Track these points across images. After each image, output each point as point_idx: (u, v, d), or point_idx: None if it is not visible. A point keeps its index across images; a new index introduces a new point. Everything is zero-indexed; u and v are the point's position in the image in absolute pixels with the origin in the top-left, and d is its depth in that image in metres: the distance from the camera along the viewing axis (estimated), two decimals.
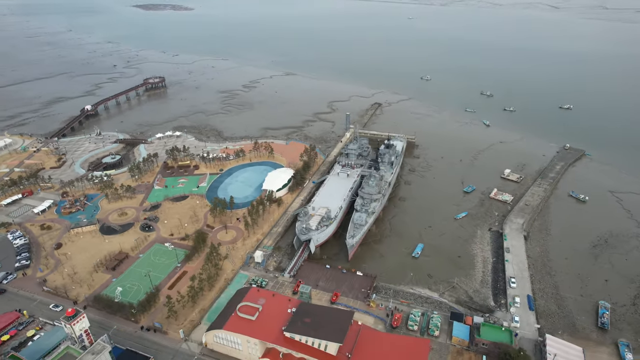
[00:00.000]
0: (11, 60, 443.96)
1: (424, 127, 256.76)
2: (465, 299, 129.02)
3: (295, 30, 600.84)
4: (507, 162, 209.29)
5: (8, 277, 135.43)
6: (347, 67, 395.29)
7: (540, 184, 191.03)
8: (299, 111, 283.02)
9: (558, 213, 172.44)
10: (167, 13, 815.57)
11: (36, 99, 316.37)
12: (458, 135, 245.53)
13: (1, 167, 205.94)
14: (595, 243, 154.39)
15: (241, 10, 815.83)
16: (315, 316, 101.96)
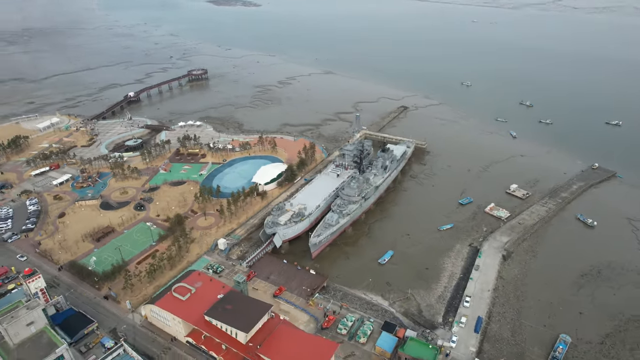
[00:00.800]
0: (85, 49, 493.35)
1: (444, 133, 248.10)
2: (414, 312, 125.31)
3: (351, 29, 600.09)
4: (520, 177, 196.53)
5: (12, 237, 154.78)
6: (389, 68, 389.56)
7: (546, 203, 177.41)
8: (322, 109, 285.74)
9: (555, 236, 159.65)
10: (236, 9, 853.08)
11: (93, 85, 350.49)
12: (477, 144, 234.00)
13: (43, 142, 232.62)
14: (585, 272, 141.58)
15: (305, 9, 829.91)
16: (236, 305, 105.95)
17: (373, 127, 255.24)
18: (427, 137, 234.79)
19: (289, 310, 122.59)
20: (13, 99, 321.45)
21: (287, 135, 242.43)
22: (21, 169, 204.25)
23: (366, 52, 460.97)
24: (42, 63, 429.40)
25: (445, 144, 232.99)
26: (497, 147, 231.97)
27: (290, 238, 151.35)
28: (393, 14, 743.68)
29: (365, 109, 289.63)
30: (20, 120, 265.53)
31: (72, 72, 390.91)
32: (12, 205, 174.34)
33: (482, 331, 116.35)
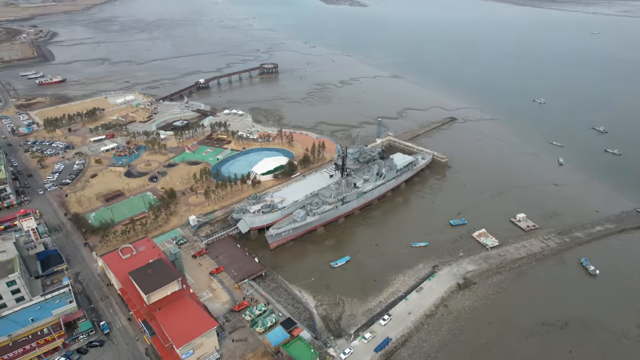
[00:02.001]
0: (191, 38, 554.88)
1: (479, 150, 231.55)
2: (332, 318, 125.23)
3: (449, 35, 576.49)
4: (536, 207, 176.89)
5: (51, 187, 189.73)
6: (463, 78, 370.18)
7: (549, 239, 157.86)
8: (366, 112, 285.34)
9: (541, 277, 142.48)
10: (342, 8, 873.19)
11: (181, 70, 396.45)
12: (509, 166, 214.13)
13: (113, 115, 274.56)
14: (548, 321, 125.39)
15: (411, 11, 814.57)
16: (154, 271, 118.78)
17: (406, 135, 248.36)
18: (458, 152, 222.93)
19: (215, 289, 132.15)
20: (116, 77, 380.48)
21: (311, 132, 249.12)
22: (87, 135, 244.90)
23: (451, 59, 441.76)
24: (152, 48, 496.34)
25: (473, 162, 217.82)
26: (530, 172, 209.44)
27: (258, 227, 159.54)
28: (507, 23, 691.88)
29: (411, 115, 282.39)
30: (108, 95, 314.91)
31: (169, 58, 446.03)
32: (65, 163, 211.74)
33: (384, 352, 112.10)
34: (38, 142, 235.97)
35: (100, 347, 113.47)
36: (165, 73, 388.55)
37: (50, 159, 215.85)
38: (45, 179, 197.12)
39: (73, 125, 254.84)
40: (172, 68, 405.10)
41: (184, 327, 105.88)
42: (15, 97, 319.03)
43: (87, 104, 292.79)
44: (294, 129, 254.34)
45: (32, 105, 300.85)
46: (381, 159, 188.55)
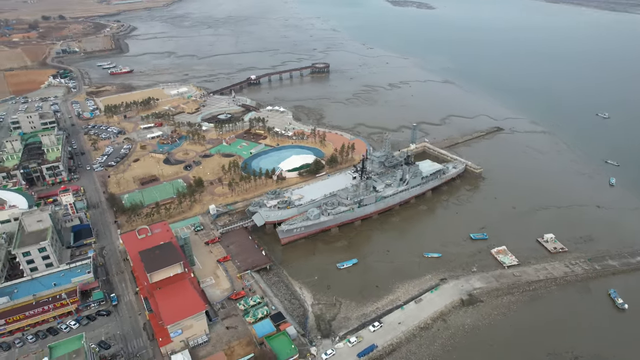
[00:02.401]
0: (253, 35, 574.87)
1: (520, 164, 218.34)
2: (326, 318, 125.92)
3: (519, 41, 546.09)
4: (570, 229, 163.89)
5: (97, 168, 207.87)
6: (521, 87, 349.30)
7: (576, 264, 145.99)
8: (408, 117, 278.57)
9: (558, 304, 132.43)
10: (409, 10, 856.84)
11: (237, 66, 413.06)
12: (550, 183, 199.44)
13: (166, 105, 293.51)
14: (556, 352, 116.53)
15: (480, 16, 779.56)
16: (161, 252, 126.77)
17: (444, 142, 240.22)
18: (496, 164, 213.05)
19: (219, 276, 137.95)
20: (177, 69, 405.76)
21: (346, 133, 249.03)
22: (138, 122, 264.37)
23: (513, 67, 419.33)
24: (215, 44, 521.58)
25: (512, 175, 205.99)
26: (574, 190, 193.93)
27: (273, 221, 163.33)
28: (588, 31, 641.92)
29: (455, 123, 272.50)
30: (165, 86, 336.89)
31: (229, 54, 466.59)
32: (114, 147, 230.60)
33: (367, 359, 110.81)
34: (97, 126, 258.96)
35: (107, 316, 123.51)
36: (223, 68, 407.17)
37: (103, 142, 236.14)
38: (95, 160, 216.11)
39: (128, 113, 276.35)
40: (229, 63, 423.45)
41: (176, 308, 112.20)
42: (88, 85, 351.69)
43: (146, 93, 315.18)
44: (331, 128, 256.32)
45: (100, 93, 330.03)
46: (406, 164, 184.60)
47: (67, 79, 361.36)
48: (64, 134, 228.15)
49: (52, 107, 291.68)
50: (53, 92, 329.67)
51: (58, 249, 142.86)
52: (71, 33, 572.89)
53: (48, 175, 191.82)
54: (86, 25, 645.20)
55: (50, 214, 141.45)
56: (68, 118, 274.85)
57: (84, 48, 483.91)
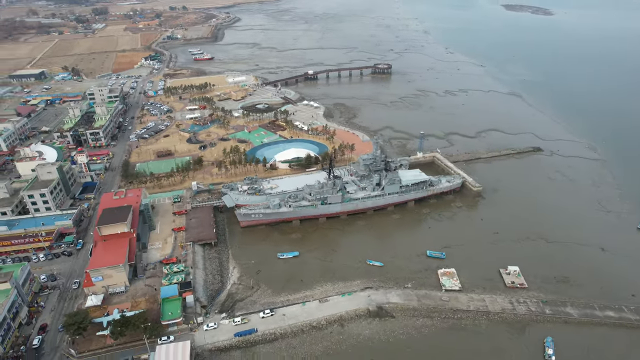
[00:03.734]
0: (346, 32, 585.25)
1: (538, 190, 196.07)
2: (236, 297, 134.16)
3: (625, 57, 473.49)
4: (549, 268, 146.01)
5: (133, 138, 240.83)
6: (600, 108, 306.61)
7: (524, 303, 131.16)
8: (442, 125, 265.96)
9: (479, 339, 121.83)
10: (522, 15, 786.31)
11: (307, 60, 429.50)
12: (561, 216, 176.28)
13: (219, 91, 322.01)
14: None
15: (609, 25, 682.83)
16: (119, 213, 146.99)
17: (462, 156, 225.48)
18: (508, 185, 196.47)
19: (167, 242, 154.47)
20: (252, 60, 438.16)
21: (362, 132, 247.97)
22: (188, 103, 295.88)
23: (608, 85, 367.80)
24: (300, 39, 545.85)
25: (516, 199, 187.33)
26: (582, 227, 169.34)
27: (242, 205, 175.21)
28: None
29: (491, 137, 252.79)
30: (229, 74, 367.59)
31: (308, 49, 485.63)
32: (156, 122, 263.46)
33: (243, 340, 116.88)
34: (153, 103, 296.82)
35: (68, 256, 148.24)
36: (293, 62, 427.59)
37: (150, 117, 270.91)
38: (135, 131, 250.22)
39: (184, 94, 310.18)
40: (302, 58, 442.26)
41: (103, 258, 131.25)
42: (169, 68, 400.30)
43: (210, 79, 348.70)
44: (356, 128, 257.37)
45: (175, 75, 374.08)
46: (385, 170, 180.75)
47: (156, 61, 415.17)
48: (119, 107, 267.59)
49: (132, 84, 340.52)
50: (140, 72, 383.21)
51: (61, 198, 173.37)
52: (183, 22, 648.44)
53: (91, 140, 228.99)
54: (200, 15, 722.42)
55: (58, 169, 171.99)
56: (138, 94, 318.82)
57: (185, 35, 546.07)
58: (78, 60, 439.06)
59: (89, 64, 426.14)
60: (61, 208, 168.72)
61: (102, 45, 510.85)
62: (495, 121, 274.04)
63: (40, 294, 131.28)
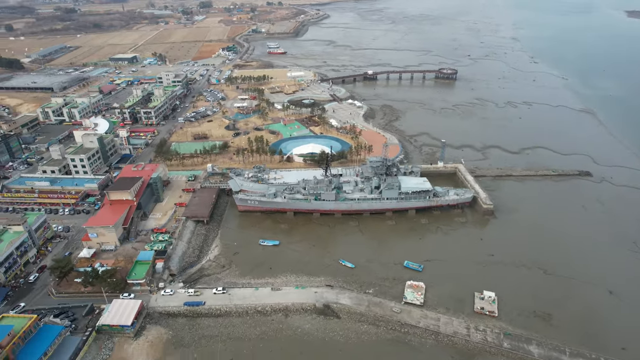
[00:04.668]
0: (428, 35, 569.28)
1: (561, 217, 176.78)
2: (205, 273, 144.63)
3: None
4: (532, 301, 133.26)
5: (180, 120, 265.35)
6: None
7: (483, 332, 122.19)
8: (484, 138, 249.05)
9: (419, 356, 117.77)
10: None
11: (374, 60, 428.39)
12: (575, 248, 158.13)
13: (275, 84, 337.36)
14: None
15: None
16: (129, 182, 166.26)
17: (492, 171, 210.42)
18: (531, 209, 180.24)
19: (165, 214, 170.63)
20: (321, 56, 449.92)
21: (390, 135, 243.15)
22: (241, 93, 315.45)
23: None
24: (379, 39, 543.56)
25: (532, 224, 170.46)
26: (597, 266, 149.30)
27: (244, 190, 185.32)
28: None
29: (535, 155, 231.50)
30: (291, 69, 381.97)
31: (381, 49, 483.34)
32: (207, 107, 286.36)
33: (190, 310, 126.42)
34: (212, 90, 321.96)
35: (86, 214, 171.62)
36: (360, 61, 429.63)
37: (204, 103, 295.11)
38: (185, 114, 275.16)
39: (242, 84, 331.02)
40: (371, 58, 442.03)
41: (101, 218, 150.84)
42: (241, 59, 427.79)
43: (270, 72, 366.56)
44: (389, 131, 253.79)
45: (244, 66, 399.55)
46: (386, 174, 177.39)
47: (231, 52, 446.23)
48: (180, 91, 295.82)
49: (203, 71, 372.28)
50: (215, 61, 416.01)
51: (98, 165, 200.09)
52: (273, 17, 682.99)
53: (144, 117, 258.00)
54: (291, 11, 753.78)
55: (99, 139, 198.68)
56: (204, 81, 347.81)
57: (269, 30, 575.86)
58: (169, 48, 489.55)
59: (177, 51, 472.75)
60: (96, 173, 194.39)
61: (195, 35, 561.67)
62: (549, 138, 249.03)
63: (52, 241, 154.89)
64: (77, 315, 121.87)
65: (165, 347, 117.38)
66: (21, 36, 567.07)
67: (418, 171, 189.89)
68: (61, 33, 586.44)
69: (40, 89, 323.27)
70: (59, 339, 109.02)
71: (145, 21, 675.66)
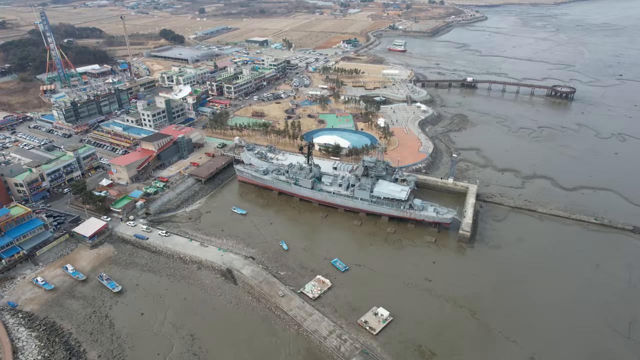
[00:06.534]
0: (587, 46, 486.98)
1: (563, 275, 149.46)
2: (174, 220, 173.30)
3: None
4: (435, 336, 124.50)
5: (255, 98, 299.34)
6: None
7: (349, 346, 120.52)
8: (544, 166, 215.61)
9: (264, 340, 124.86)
10: None
11: (493, 69, 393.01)
12: (546, 302, 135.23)
13: (364, 79, 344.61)
14: None
15: None
16: (162, 138, 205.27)
17: (521, 204, 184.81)
18: (522, 254, 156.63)
19: (179, 169, 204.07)
20: (440, 58, 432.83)
21: (436, 143, 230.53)
22: (323, 82, 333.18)
23: None
24: (521, 47, 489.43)
25: (507, 271, 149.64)
26: (539, 336, 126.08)
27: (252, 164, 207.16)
28: None
29: (597, 198, 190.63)
30: (387, 68, 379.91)
31: (512, 58, 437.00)
32: (285, 90, 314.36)
33: (137, 241, 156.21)
34: (303, 76, 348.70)
35: None
36: (478, 67, 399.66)
37: (286, 87, 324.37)
38: (263, 94, 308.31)
39: (331, 75, 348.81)
40: (492, 65, 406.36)
41: (122, 159, 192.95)
42: (355, 53, 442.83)
43: (365, 67, 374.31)
44: (437, 139, 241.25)
45: (352, 59, 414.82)
46: (364, 175, 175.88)
47: (350, 45, 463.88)
48: (272, 73, 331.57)
49: (311, 59, 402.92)
50: (331, 52, 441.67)
51: (162, 122, 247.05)
52: (424, 15, 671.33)
53: (226, 91, 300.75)
54: (447, 10, 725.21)
55: (166, 102, 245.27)
56: (302, 69, 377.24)
57: (407, 28, 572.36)
58: (305, 36, 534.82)
59: (308, 40, 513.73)
60: (158, 128, 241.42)
61: (337, 26, 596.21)
62: (630, 183, 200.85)
63: (95, 169, 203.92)
64: (66, 221, 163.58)
65: (104, 261, 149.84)
66: (204, 18, 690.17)
67: (412, 181, 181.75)
68: (234, 16, 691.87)
69: (180, 60, 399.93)
70: (38, 229, 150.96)
71: (305, 10, 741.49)
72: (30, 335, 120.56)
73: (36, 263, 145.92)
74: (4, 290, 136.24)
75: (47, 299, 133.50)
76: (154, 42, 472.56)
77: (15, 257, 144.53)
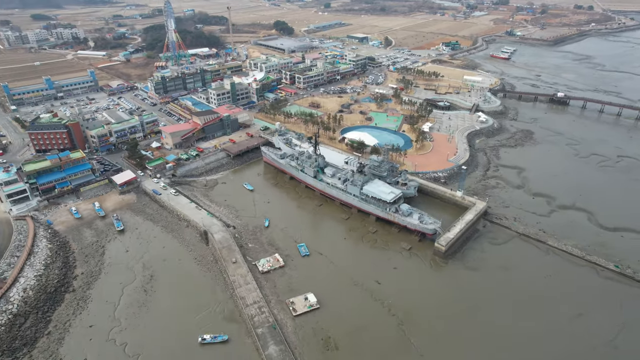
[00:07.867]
0: None
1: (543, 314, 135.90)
2: (186, 182, 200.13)
3: None
4: (355, 339, 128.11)
5: (321, 90, 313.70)
6: None
7: (263, 321, 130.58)
8: (583, 197, 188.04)
9: None
10: None
11: (608, 87, 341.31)
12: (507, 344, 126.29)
13: (440, 82, 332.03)
14: None
15: None
16: (209, 114, 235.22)
17: (534, 233, 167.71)
18: (500, 280, 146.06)
19: (217, 143, 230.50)
20: (547, 70, 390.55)
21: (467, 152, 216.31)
22: (397, 82, 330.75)
23: None
24: None
25: (473, 286, 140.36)
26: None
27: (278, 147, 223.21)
28: None
29: (628, 245, 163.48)
30: (471, 74, 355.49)
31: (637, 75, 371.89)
32: (354, 86, 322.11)
33: (153, 195, 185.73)
34: (377, 74, 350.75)
35: None
36: (589, 82, 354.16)
37: (357, 83, 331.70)
38: (331, 87, 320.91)
39: (408, 75, 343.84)
40: (609, 83, 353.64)
41: (170, 128, 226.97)
42: (448, 55, 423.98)
43: (450, 71, 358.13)
44: (486, 153, 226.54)
45: (443, 62, 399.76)
46: (359, 172, 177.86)
47: (449, 48, 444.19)
48: (345, 68, 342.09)
49: (400, 59, 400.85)
50: (425, 53, 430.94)
51: (226, 102, 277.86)
52: (555, 22, 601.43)
53: (296, 81, 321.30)
54: (591, 17, 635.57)
55: (231, 84, 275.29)
56: (385, 67, 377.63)
57: (527, 35, 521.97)
58: (411, 35, 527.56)
59: (414, 39, 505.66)
60: None
61: (451, 29, 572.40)
62: None
63: (155, 134, 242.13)
64: (111, 169, 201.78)
65: (124, 205, 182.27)
66: (326, 12, 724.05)
67: (412, 186, 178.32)
68: (354, 13, 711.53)
69: (278, 49, 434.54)
70: (86, 172, 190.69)
71: (427, 10, 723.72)
72: (47, 246, 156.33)
73: (78, 197, 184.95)
74: (49, 211, 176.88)
75: (72, 224, 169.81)
76: (266, 32, 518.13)
77: (65, 189, 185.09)
